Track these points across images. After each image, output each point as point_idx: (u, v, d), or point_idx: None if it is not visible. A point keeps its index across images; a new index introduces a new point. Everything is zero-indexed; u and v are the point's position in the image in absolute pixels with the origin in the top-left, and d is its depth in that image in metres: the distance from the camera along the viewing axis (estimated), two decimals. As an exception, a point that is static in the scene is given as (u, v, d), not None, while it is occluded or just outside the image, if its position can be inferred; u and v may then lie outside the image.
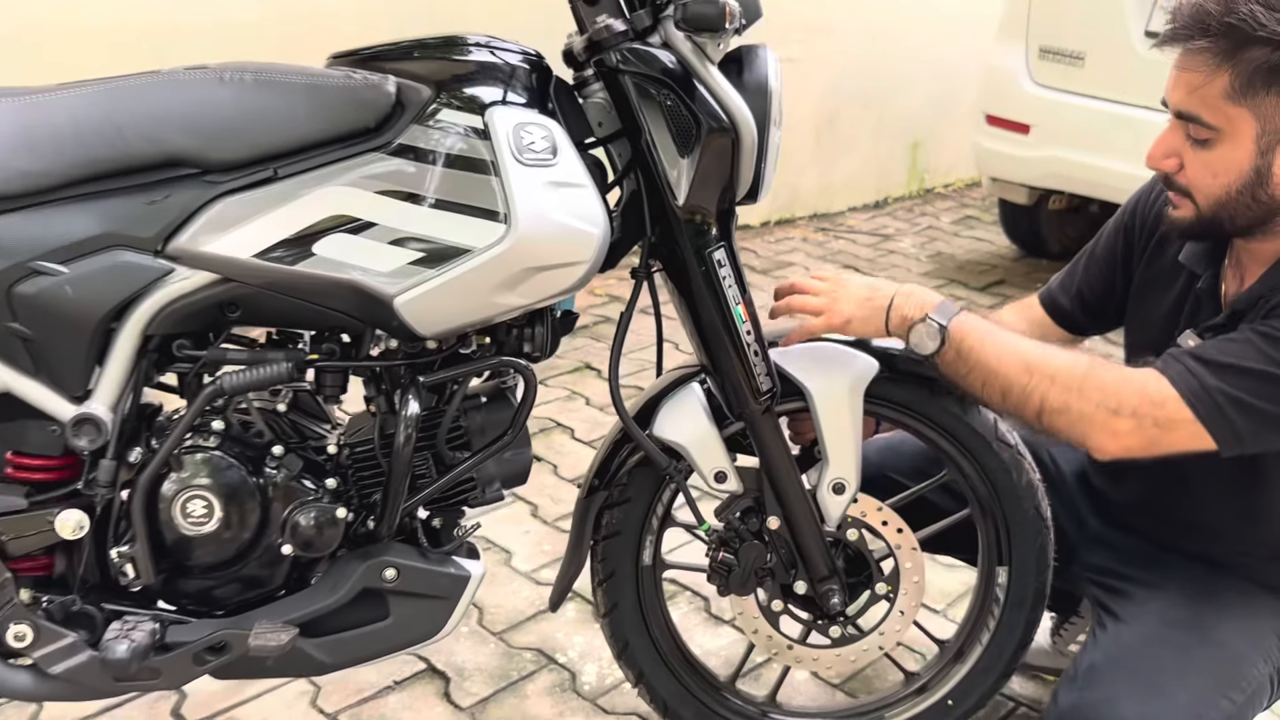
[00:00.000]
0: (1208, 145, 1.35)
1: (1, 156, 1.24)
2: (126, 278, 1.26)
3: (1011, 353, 1.40)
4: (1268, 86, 1.29)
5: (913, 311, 1.45)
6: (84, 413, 1.30)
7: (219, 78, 1.29)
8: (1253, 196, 1.35)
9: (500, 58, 1.34)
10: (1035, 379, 1.38)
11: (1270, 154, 1.33)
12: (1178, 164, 1.39)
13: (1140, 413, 1.33)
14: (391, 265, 1.26)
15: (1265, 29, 1.27)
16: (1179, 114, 1.37)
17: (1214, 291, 1.49)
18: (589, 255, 1.29)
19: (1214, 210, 1.38)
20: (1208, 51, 1.31)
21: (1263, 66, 1.28)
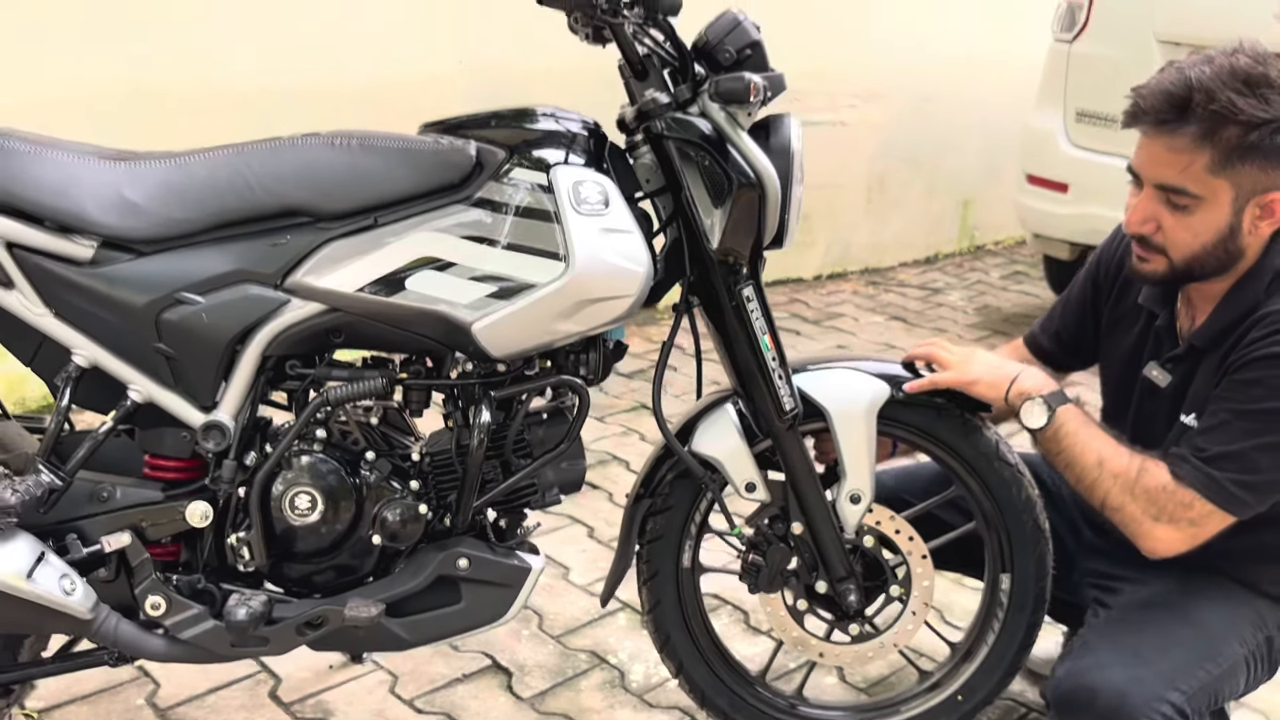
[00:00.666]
0: (1189, 210, 1.57)
1: (155, 206, 1.51)
2: (251, 307, 1.52)
3: (1093, 448, 1.61)
4: (1242, 160, 1.52)
5: (1031, 389, 1.65)
6: (212, 420, 1.55)
7: (330, 142, 1.55)
8: (1224, 249, 1.59)
9: (563, 125, 1.59)
10: (1103, 475, 1.60)
11: (1241, 213, 1.56)
12: (1155, 227, 1.60)
13: (1176, 517, 1.57)
14: (470, 298, 1.51)
15: (1243, 114, 1.49)
16: (1161, 186, 1.57)
17: (1171, 327, 1.72)
18: (634, 290, 1.53)
19: (1186, 264, 1.61)
20: (1191, 133, 1.52)
21: (1239, 144, 1.51)
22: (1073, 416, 1.64)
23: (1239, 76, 1.51)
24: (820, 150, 4.69)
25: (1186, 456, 1.57)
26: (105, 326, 1.52)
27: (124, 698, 1.95)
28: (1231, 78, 1.51)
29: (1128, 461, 1.59)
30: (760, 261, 1.67)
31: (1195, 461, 1.55)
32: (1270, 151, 1.51)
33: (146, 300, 1.51)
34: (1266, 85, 1.51)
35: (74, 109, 2.81)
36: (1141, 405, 1.77)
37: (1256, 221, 1.57)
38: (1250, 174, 1.53)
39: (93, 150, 1.54)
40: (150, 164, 1.53)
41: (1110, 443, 1.62)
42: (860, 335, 4.23)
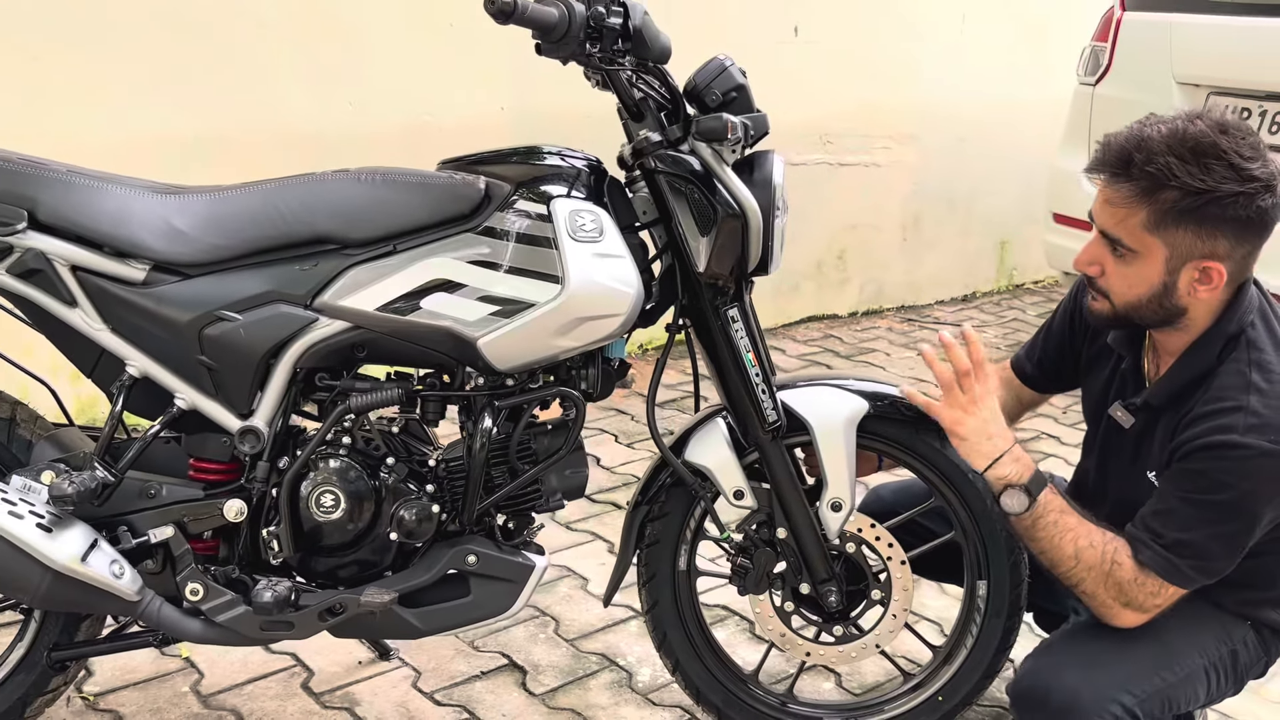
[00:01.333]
0: (1125, 260, 1.64)
1: (199, 234, 1.70)
2: (284, 324, 1.70)
3: (1068, 540, 1.66)
4: (1178, 223, 1.58)
5: (1013, 475, 1.68)
6: (248, 425, 1.74)
7: (356, 178, 1.74)
8: (1159, 304, 1.65)
9: (566, 162, 1.76)
10: (1079, 567, 1.66)
11: (1176, 274, 1.62)
12: (1100, 270, 1.69)
13: (1143, 603, 1.66)
14: (476, 316, 1.67)
15: (1177, 179, 1.56)
16: (1104, 233, 1.66)
17: (1136, 371, 1.81)
18: (625, 309, 1.68)
19: (1126, 310, 1.69)
20: (1130, 189, 1.60)
21: (1174, 208, 1.56)
22: (1051, 507, 1.67)
23: (1187, 143, 1.56)
24: (854, 190, 4.86)
25: (1148, 542, 1.63)
26: (155, 340, 1.72)
27: (171, 685, 2.13)
28: (1179, 143, 1.56)
29: (1100, 555, 1.65)
30: (747, 285, 1.82)
31: (1156, 548, 1.63)
32: (1205, 219, 1.56)
33: (190, 317, 1.70)
34: (1213, 155, 1.54)
35: (148, 156, 3.05)
36: (1108, 440, 1.86)
37: (1195, 285, 1.61)
38: (1185, 238, 1.58)
39: (146, 185, 1.74)
40: (196, 197, 1.73)
41: (1084, 532, 1.67)
42: (891, 370, 4.34)
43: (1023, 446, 1.74)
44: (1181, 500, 1.62)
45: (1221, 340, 1.66)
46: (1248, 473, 1.56)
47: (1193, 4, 3.81)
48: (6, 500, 1.63)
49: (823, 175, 4.72)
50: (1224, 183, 1.54)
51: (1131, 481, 1.76)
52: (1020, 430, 3.90)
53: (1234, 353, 1.65)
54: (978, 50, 5.13)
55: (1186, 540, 1.61)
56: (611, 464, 3.23)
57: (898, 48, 4.84)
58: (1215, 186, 1.54)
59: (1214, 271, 1.60)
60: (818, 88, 4.57)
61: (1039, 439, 3.65)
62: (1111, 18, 4.13)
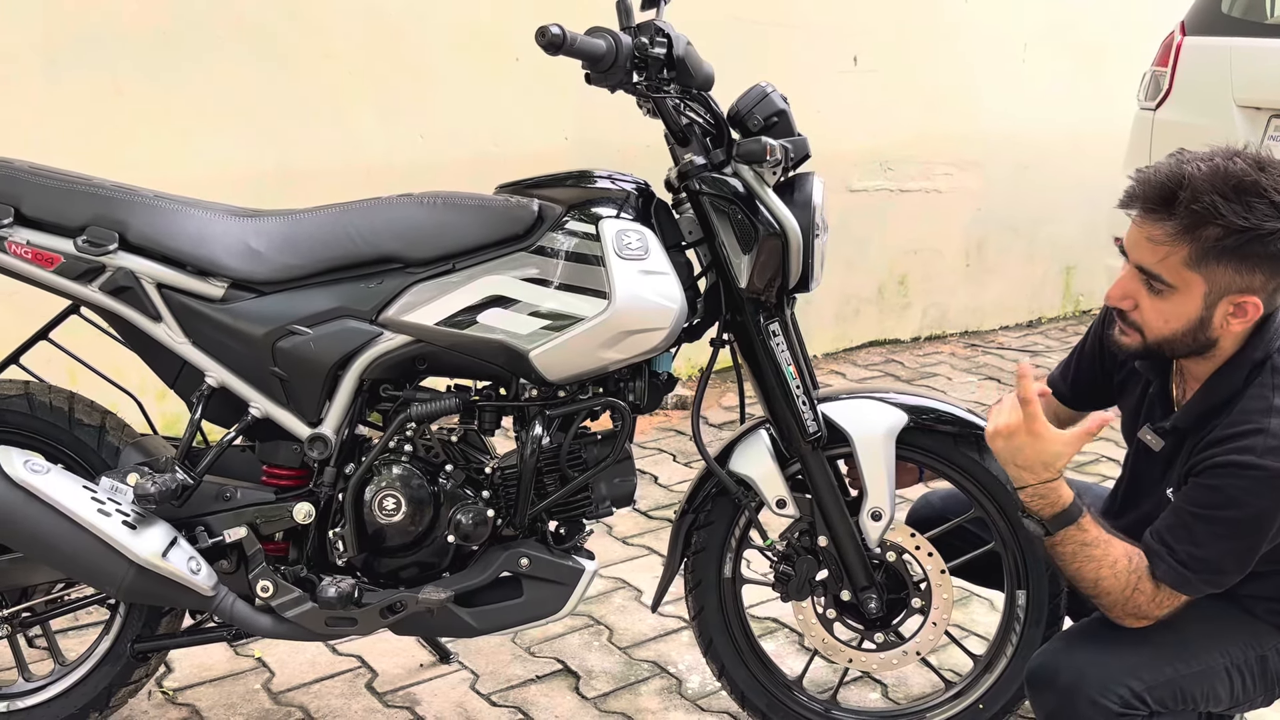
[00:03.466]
0: (1163, 295, 1.66)
1: (273, 254, 1.83)
2: (350, 338, 1.82)
3: (1089, 570, 1.67)
4: (1219, 260, 1.60)
5: (1038, 507, 1.69)
6: (317, 433, 1.85)
7: (419, 201, 1.86)
8: (1193, 338, 1.68)
9: (616, 185, 1.86)
10: (1099, 593, 1.68)
11: (1213, 308, 1.64)
12: (1133, 304, 1.70)
13: (1155, 615, 1.70)
14: (529, 330, 1.77)
15: (1224, 218, 1.56)
16: (1140, 268, 1.67)
17: (1164, 395, 1.83)
18: (668, 323, 1.77)
19: (1158, 344, 1.71)
20: (1173, 226, 1.61)
21: (1216, 245, 1.58)
22: (1071, 540, 1.68)
23: (1230, 181, 1.57)
24: (915, 216, 4.91)
25: (1163, 556, 1.66)
26: (232, 353, 1.84)
27: (244, 683, 2.25)
28: (1222, 181, 1.57)
29: (1122, 582, 1.67)
30: (788, 301, 1.90)
31: (1170, 562, 1.65)
32: (1246, 257, 1.58)
33: (265, 331, 1.82)
34: (1255, 194, 1.57)
35: (229, 187, 3.23)
36: (1139, 463, 1.89)
37: (1229, 318, 1.64)
38: (1225, 274, 1.60)
39: (225, 208, 1.87)
40: (270, 219, 1.86)
41: (1109, 561, 1.67)
42: (952, 393, 4.36)
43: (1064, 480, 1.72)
44: (1194, 515, 1.65)
45: (1248, 366, 1.69)
46: (1261, 493, 1.59)
47: (1253, 28, 3.82)
48: (96, 499, 1.76)
49: (883, 201, 4.77)
50: (1266, 220, 1.57)
51: (1156, 501, 1.79)
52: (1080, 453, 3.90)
53: (1259, 377, 1.68)
54: (1039, 77, 5.16)
55: (1200, 556, 1.64)
56: (669, 482, 3.31)
57: (958, 76, 4.88)
58: (1259, 224, 1.56)
59: (1249, 305, 1.63)
60: (878, 115, 4.63)
61: (1098, 461, 3.65)
62: (1171, 42, 4.14)
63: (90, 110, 3.05)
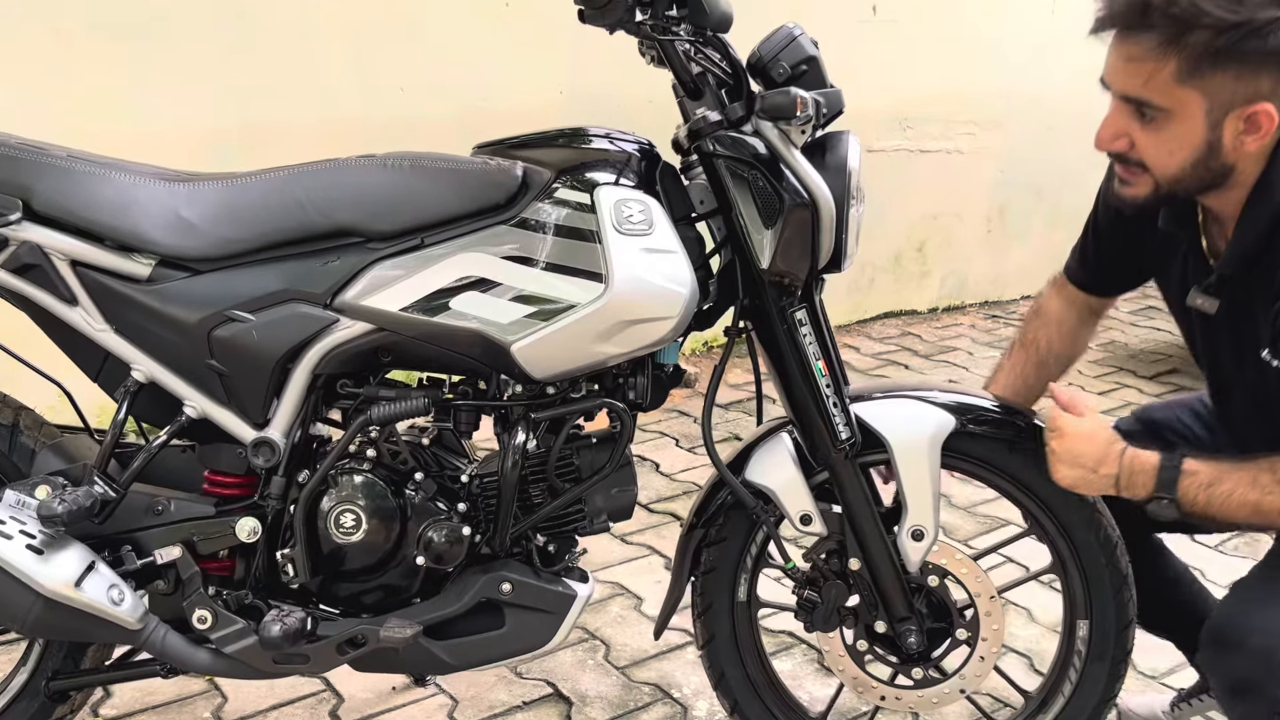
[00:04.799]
0: (1158, 125, 1.42)
1: (209, 226, 1.54)
2: (301, 325, 1.54)
3: (1235, 501, 1.45)
4: (1214, 67, 1.36)
5: (1140, 492, 1.50)
6: (263, 436, 1.57)
7: (383, 164, 1.56)
8: (1205, 167, 1.43)
9: (614, 145, 1.57)
10: (1269, 517, 1.44)
11: (1219, 127, 1.40)
12: (1129, 144, 1.47)
13: None
14: (510, 318, 1.49)
15: (1209, 16, 1.33)
16: (1125, 98, 1.44)
17: (1197, 249, 1.57)
18: (676, 311, 1.49)
19: (1168, 184, 1.46)
20: (1153, 39, 1.37)
21: (1208, 50, 1.34)
22: (1196, 490, 1.47)
23: None
24: (935, 179, 4.60)
25: None
26: (161, 343, 1.56)
27: (192, 710, 1.99)
28: None
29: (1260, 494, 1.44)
30: (817, 284, 1.62)
31: None
32: (1245, 58, 1.34)
33: (199, 317, 1.54)
34: None
35: (188, 144, 2.93)
36: (1205, 335, 1.63)
37: (1241, 136, 1.40)
38: (1224, 83, 1.37)
39: (154, 172, 1.58)
40: (207, 185, 1.57)
41: (1243, 482, 1.45)
42: (974, 370, 4.08)
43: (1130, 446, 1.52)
44: None
45: None
46: None
47: None
48: (-6, 518, 1.49)
49: (902, 163, 4.47)
50: (1261, 9, 1.32)
51: (1247, 368, 1.53)
52: (1104, 396, 3.63)
53: None
54: (1067, 36, 4.82)
55: None
56: (672, 470, 3.04)
57: (983, 31, 4.56)
58: (1251, 16, 1.32)
59: (1262, 116, 1.38)
60: (897, 70, 4.31)
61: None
62: None
63: (31, 60, 2.74)
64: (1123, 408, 3.38)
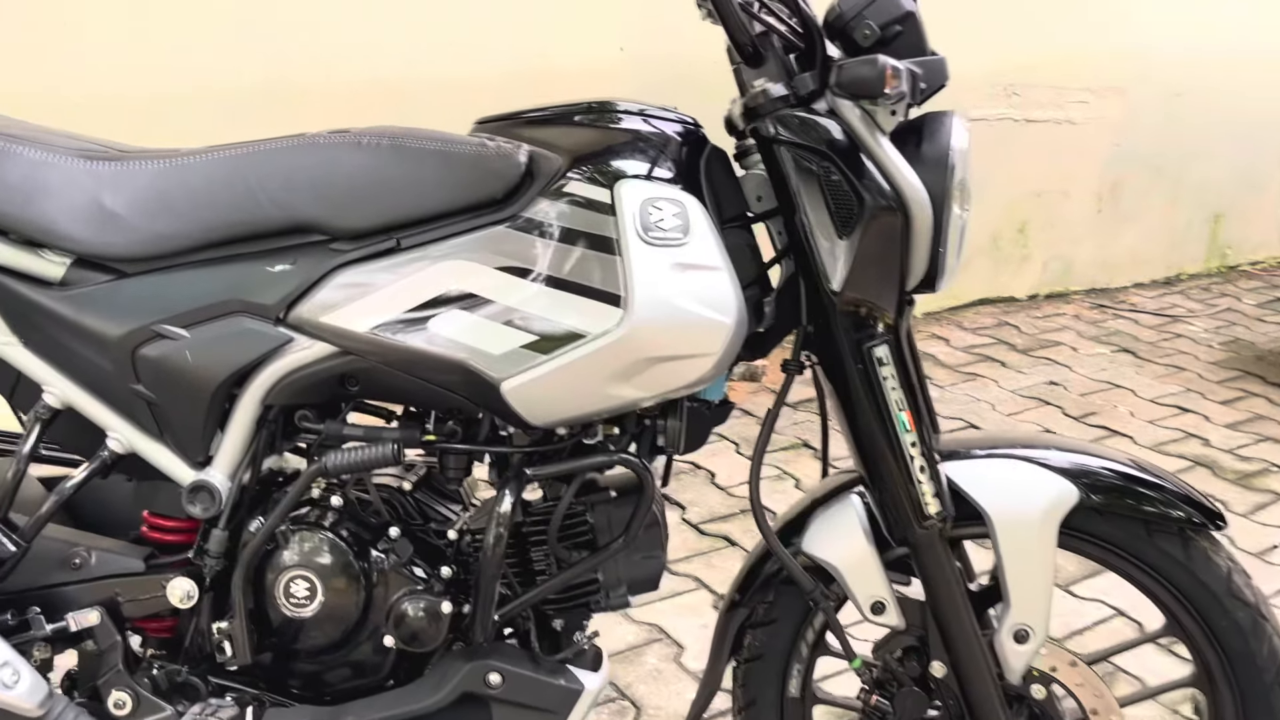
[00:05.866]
0: None
1: (138, 218, 1.23)
2: (246, 345, 1.22)
3: None
4: None
5: None
6: (200, 479, 1.27)
7: (357, 142, 1.23)
8: None
9: (648, 124, 1.22)
10: None
11: None
12: None
13: None
14: (502, 347, 1.16)
15: None
16: None
17: None
18: (716, 347, 1.14)
19: None
20: None
21: None
22: None
23: None
24: (1041, 151, 4.14)
25: None
26: (79, 361, 1.26)
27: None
28: None
29: None
30: (904, 309, 1.25)
31: None
32: None
33: (121, 332, 1.23)
34: None
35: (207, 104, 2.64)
36: None
37: None
38: None
39: (75, 147, 1.27)
40: (139, 165, 1.25)
41: None
42: (1078, 369, 3.65)
43: None
44: None
45: None
46: None
47: None
48: None
49: (1005, 133, 4.02)
50: None
51: None
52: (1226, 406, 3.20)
53: None
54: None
55: None
56: (728, 482, 2.69)
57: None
58: None
59: None
60: (1004, 29, 3.86)
61: (1266, 473, 2.93)
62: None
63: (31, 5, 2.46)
64: (1250, 421, 2.94)
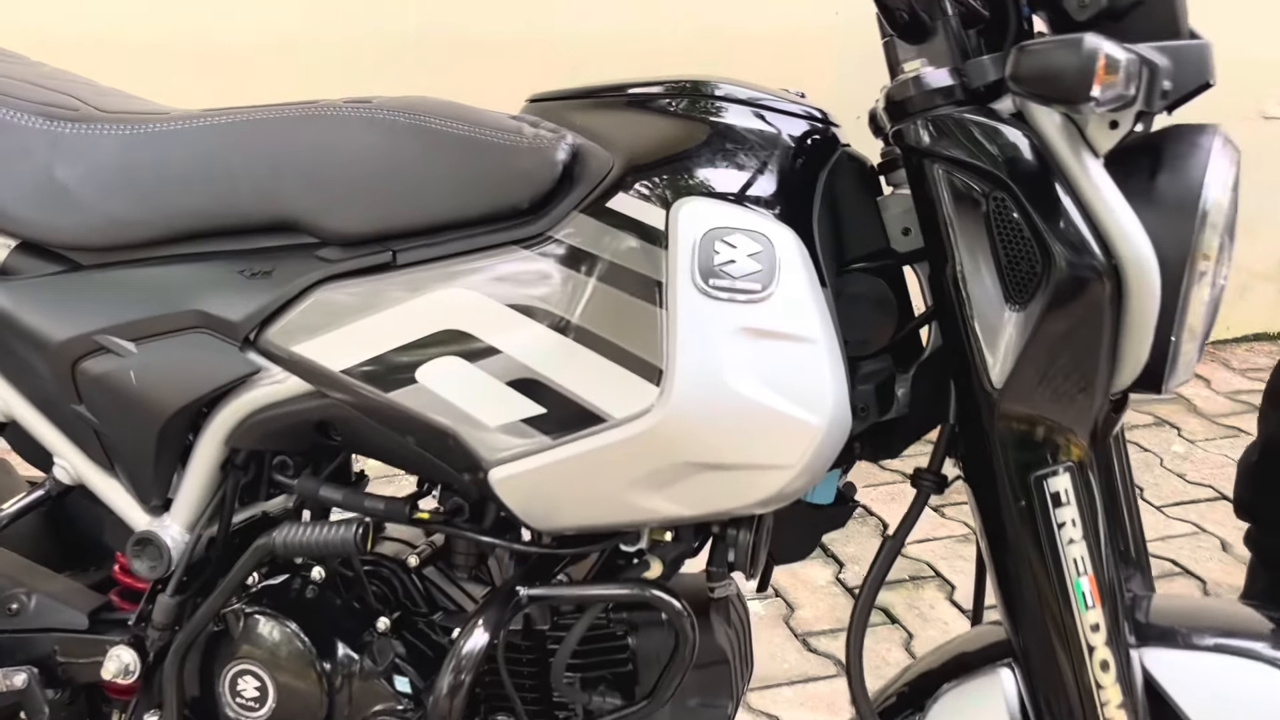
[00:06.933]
0: None
1: (92, 196, 0.96)
2: (203, 371, 0.94)
3: None
4: None
5: None
6: (147, 530, 1.00)
7: (370, 118, 0.93)
8: None
9: (746, 120, 0.86)
10: None
11: None
12: None
13: None
14: (499, 417, 0.83)
15: None
16: None
17: None
18: (795, 457, 0.78)
19: None
20: None
21: None
22: None
23: None
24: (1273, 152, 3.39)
25: None
26: (20, 368, 1.02)
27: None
28: None
29: None
30: (1110, 420, 0.84)
31: None
32: None
33: (60, 339, 0.98)
34: None
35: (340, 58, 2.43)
36: None
37: None
38: None
39: (40, 100, 1.01)
40: (108, 130, 0.98)
41: None
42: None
43: None
44: None
45: None
46: None
47: None
48: None
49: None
50: None
51: None
52: None
53: None
54: None
55: None
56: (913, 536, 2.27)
57: None
58: None
59: None
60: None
61: None
62: None
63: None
64: None
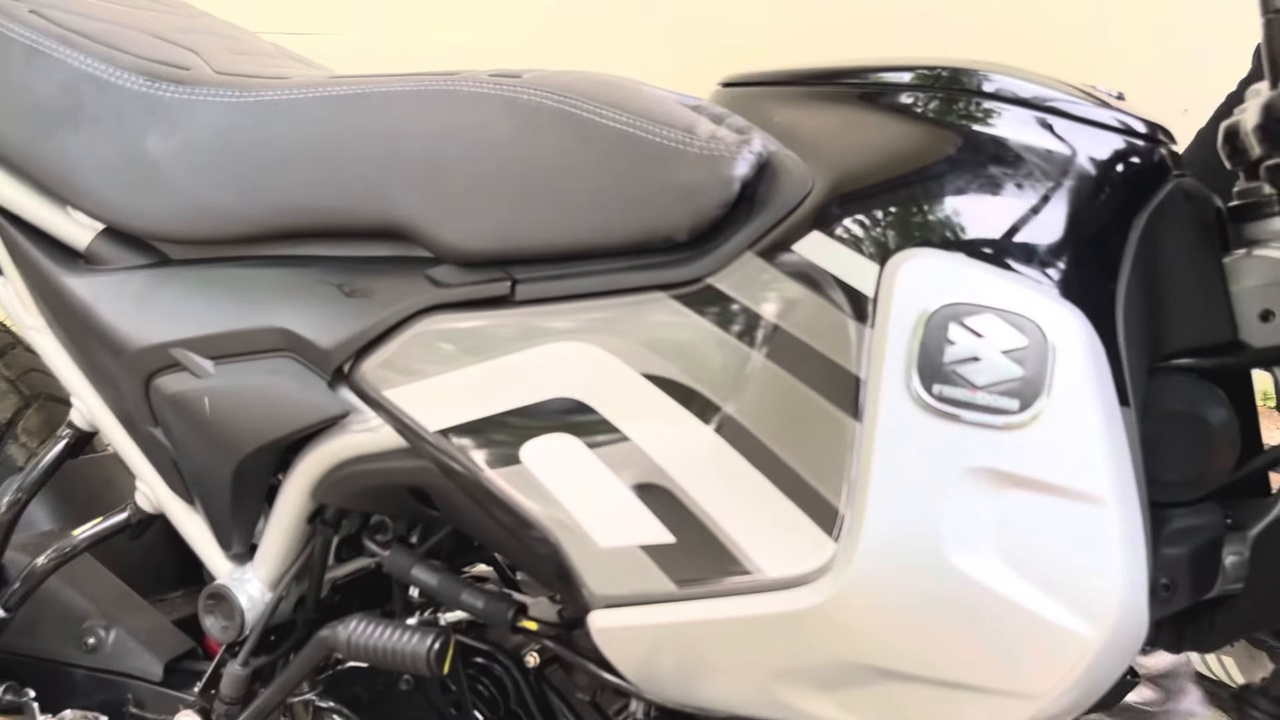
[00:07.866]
0: None
1: (182, 177, 0.78)
2: (282, 407, 0.75)
3: None
4: None
5: None
6: (218, 585, 0.83)
7: (512, 98, 0.70)
8: None
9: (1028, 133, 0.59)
10: None
11: None
12: None
13: None
14: (615, 537, 0.60)
15: None
16: None
17: None
18: (1049, 684, 0.51)
19: None
20: None
21: None
22: None
23: None
24: None
25: None
26: (102, 372, 0.86)
27: None
28: None
29: None
30: None
31: None
32: None
33: (136, 348, 0.81)
34: None
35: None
36: None
37: None
38: None
39: (145, 58, 0.84)
40: (208, 97, 0.80)
41: None
42: None
43: None
44: None
45: None
46: None
47: None
48: None
49: None
50: None
51: None
52: None
53: None
54: None
55: None
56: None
57: None
58: None
59: None
60: None
61: None
62: None
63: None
64: None
